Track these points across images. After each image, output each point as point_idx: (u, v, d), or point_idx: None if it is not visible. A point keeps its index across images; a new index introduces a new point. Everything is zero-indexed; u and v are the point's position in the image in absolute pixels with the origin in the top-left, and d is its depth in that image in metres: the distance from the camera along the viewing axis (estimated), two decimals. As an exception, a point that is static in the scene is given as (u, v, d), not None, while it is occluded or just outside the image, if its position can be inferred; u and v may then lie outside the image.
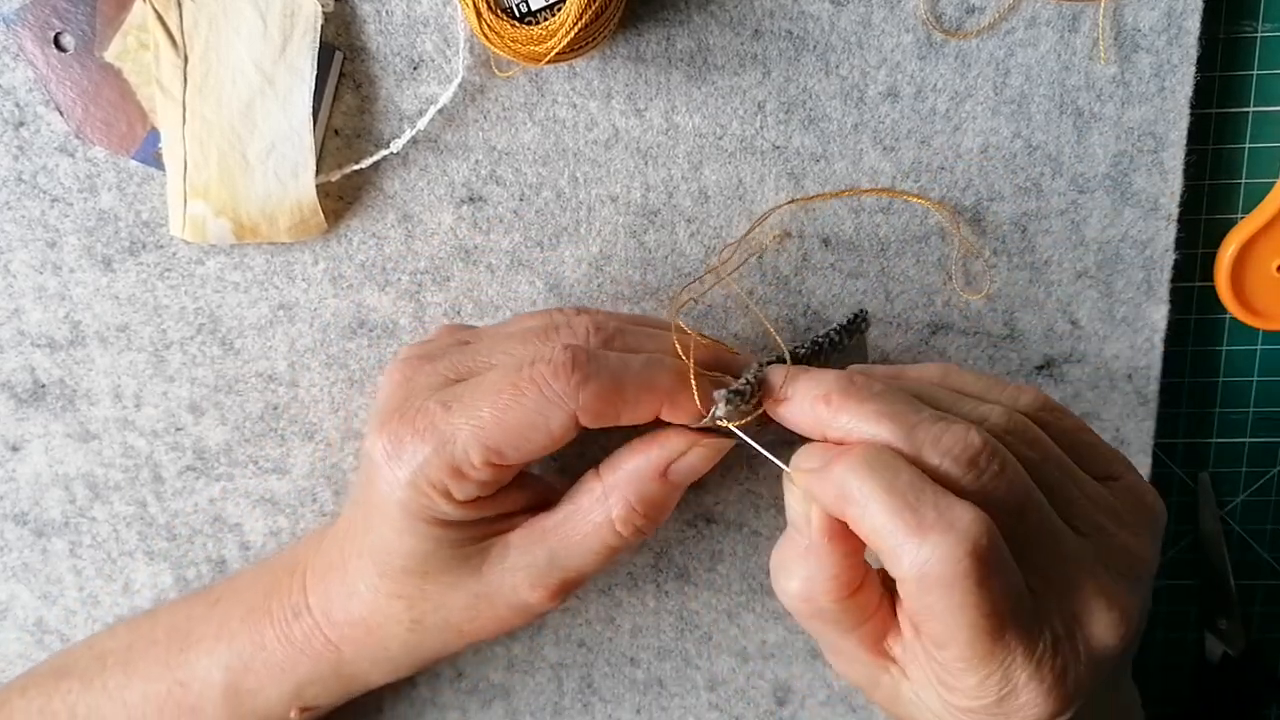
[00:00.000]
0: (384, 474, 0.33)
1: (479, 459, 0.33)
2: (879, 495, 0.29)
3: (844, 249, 0.43)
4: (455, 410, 0.33)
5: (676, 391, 0.33)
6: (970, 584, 0.28)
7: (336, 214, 0.42)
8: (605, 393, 0.32)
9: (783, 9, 0.40)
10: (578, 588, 0.37)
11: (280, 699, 0.39)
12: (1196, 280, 0.45)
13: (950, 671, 0.30)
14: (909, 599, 0.30)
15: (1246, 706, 0.50)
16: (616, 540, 0.35)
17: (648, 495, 0.35)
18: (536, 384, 0.32)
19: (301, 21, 0.39)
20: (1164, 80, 0.40)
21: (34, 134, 0.41)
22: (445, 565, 0.35)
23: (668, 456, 0.35)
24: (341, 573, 0.38)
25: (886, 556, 0.29)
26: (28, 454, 0.45)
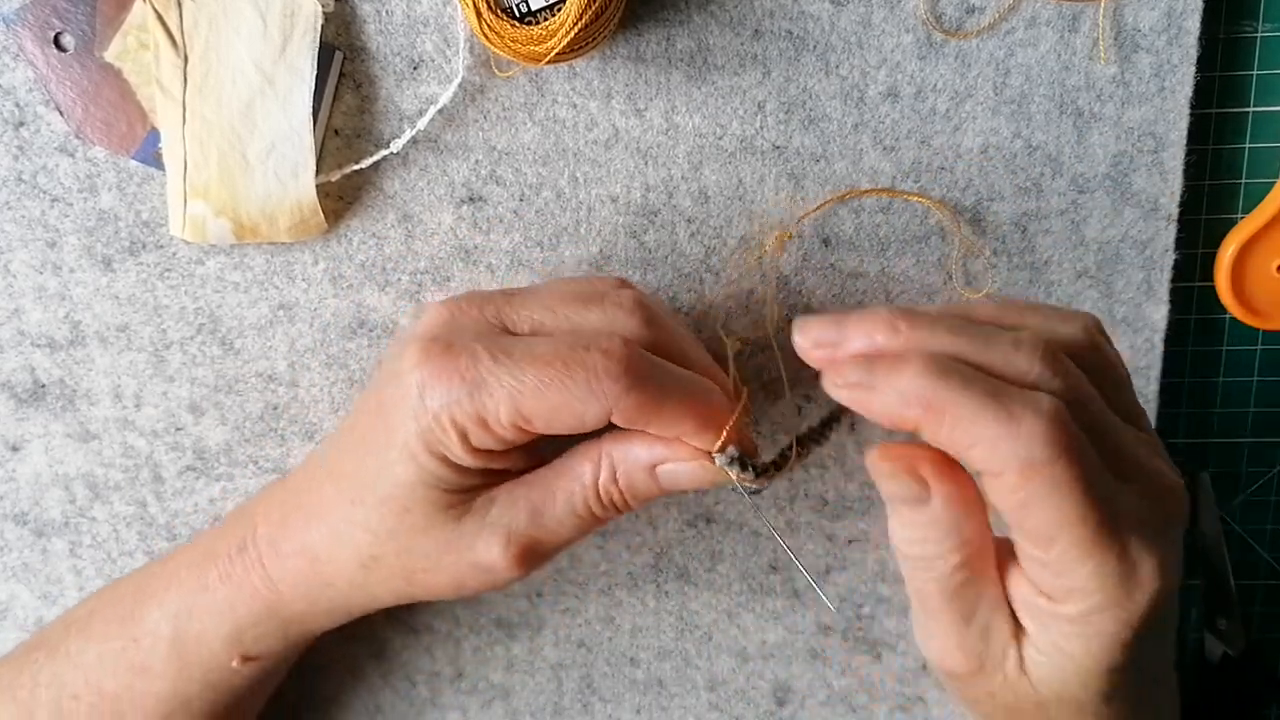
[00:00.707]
0: (412, 400, 0.33)
1: (507, 419, 0.33)
2: (960, 392, 0.29)
3: (844, 249, 0.43)
4: (502, 364, 0.33)
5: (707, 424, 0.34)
6: (1068, 459, 0.28)
7: (336, 214, 0.42)
8: (647, 405, 0.33)
9: (783, 9, 0.40)
10: (543, 558, 0.36)
11: (222, 645, 0.38)
12: (1196, 280, 0.45)
13: (1062, 570, 0.30)
14: (1012, 494, 0.29)
15: (1246, 706, 0.50)
16: (595, 505, 0.35)
17: (633, 479, 0.35)
18: (586, 373, 0.32)
19: (301, 21, 0.39)
20: (1164, 80, 0.40)
21: (34, 134, 0.41)
22: (427, 505, 0.35)
23: (666, 456, 0.35)
24: (306, 498, 0.37)
25: (981, 452, 0.29)
26: (28, 454, 0.45)
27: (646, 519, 0.46)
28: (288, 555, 0.37)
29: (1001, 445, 0.28)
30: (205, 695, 0.39)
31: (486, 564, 0.35)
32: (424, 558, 0.36)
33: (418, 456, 0.34)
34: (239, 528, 0.39)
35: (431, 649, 0.48)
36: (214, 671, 0.39)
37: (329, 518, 0.36)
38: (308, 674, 0.48)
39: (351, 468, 0.36)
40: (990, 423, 0.28)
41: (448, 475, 0.35)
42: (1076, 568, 0.30)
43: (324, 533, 0.37)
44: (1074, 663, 0.31)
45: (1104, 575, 0.30)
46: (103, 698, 0.39)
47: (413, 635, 0.48)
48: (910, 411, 0.30)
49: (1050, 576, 0.31)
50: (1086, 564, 0.30)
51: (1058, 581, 0.30)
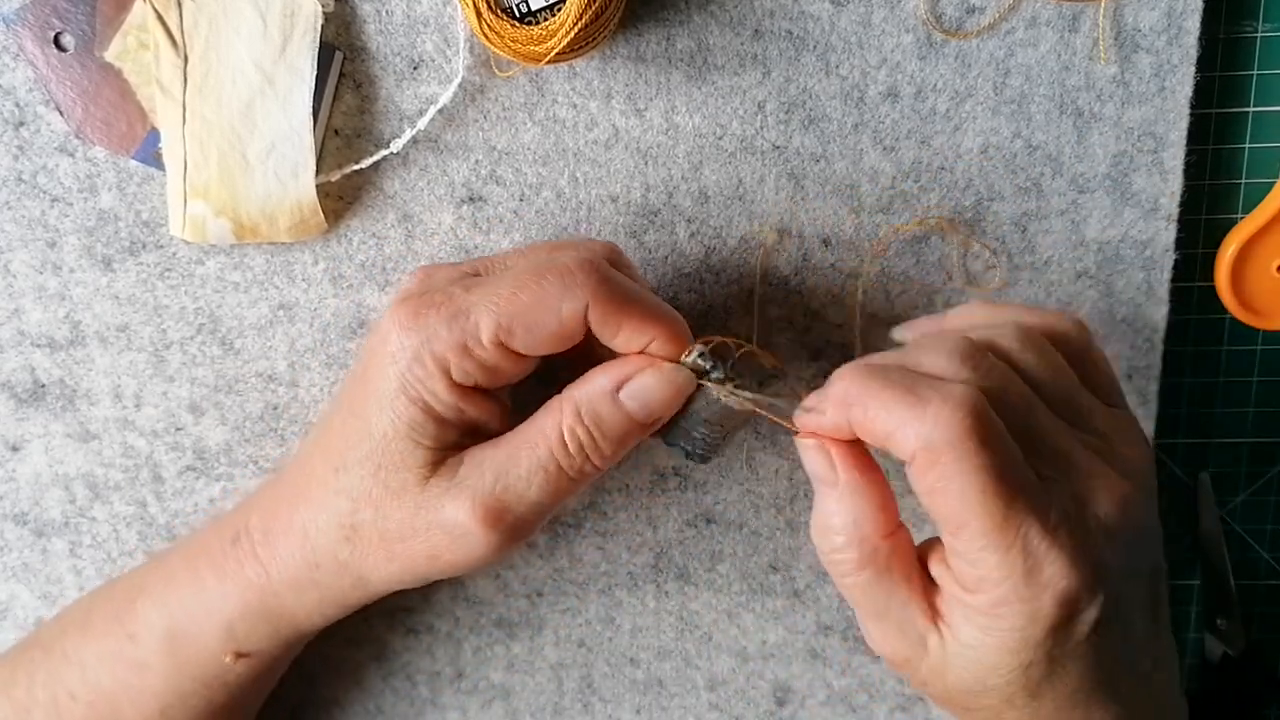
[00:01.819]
0: (391, 345, 0.34)
1: (489, 334, 0.33)
2: (876, 388, 0.31)
3: (844, 249, 0.43)
4: (474, 290, 0.34)
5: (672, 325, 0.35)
6: (974, 444, 0.30)
7: (336, 214, 0.42)
8: (619, 296, 0.34)
9: (783, 9, 0.40)
10: (518, 525, 0.35)
11: (215, 640, 0.38)
12: (1196, 280, 0.45)
13: (971, 559, 0.31)
14: (921, 478, 0.31)
15: (1246, 706, 0.50)
16: (561, 455, 0.35)
17: (597, 412, 0.35)
18: (558, 271, 0.34)
19: (301, 21, 0.39)
20: (1164, 80, 0.40)
21: (34, 134, 0.41)
22: (400, 461, 0.35)
23: (623, 373, 0.35)
24: (296, 480, 0.37)
25: (894, 439, 0.31)
26: (28, 454, 0.45)
27: (646, 519, 0.46)
28: (279, 536, 0.37)
29: (908, 428, 0.31)
30: (201, 692, 0.39)
31: (457, 526, 0.35)
32: (398, 524, 0.35)
33: (395, 405, 0.34)
34: (233, 522, 0.39)
35: (431, 649, 0.48)
36: (209, 668, 0.39)
37: (315, 491, 0.36)
38: (308, 674, 0.48)
39: (336, 437, 0.36)
40: (900, 408, 0.31)
41: (425, 424, 0.34)
42: (984, 556, 0.31)
43: (312, 507, 0.36)
44: (989, 656, 0.32)
45: (1008, 567, 0.30)
46: (99, 695, 0.39)
47: (413, 635, 0.48)
48: (842, 414, 0.32)
49: (963, 565, 0.32)
50: (992, 554, 0.30)
51: (970, 570, 0.31)
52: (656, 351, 0.35)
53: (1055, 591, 0.31)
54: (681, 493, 0.46)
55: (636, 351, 0.35)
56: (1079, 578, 0.31)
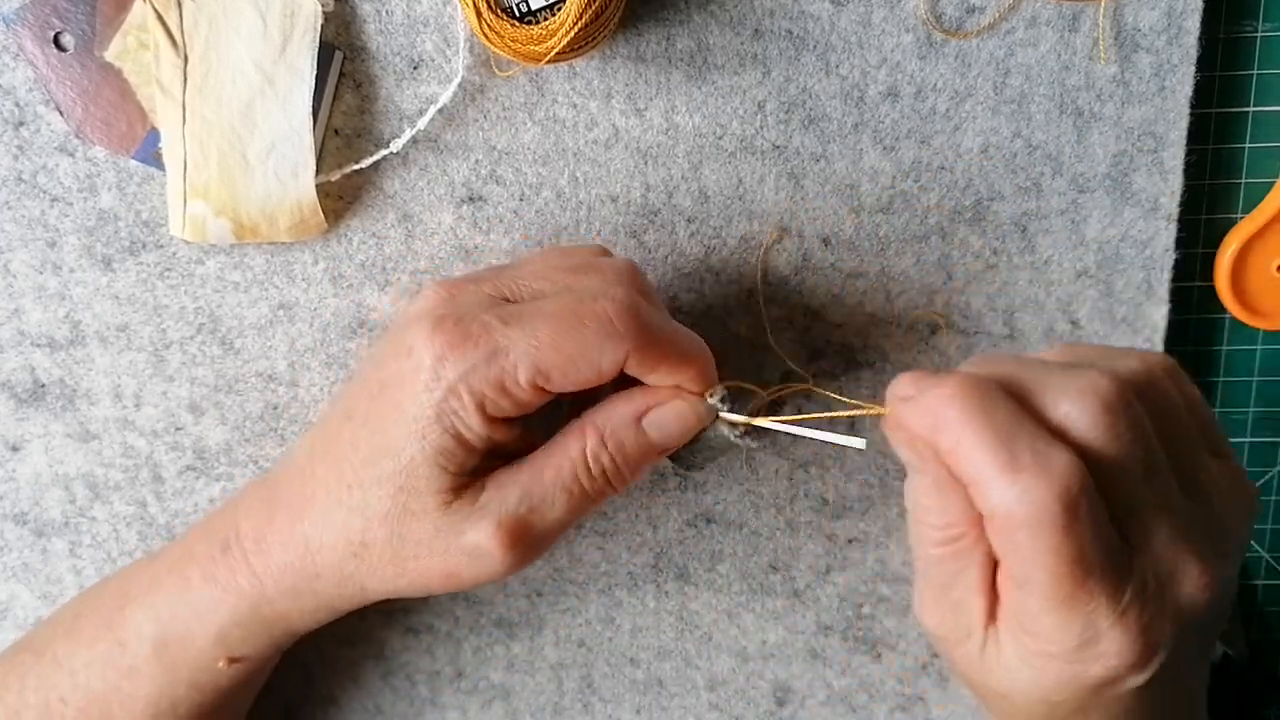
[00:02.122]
0: (425, 374, 0.34)
1: (526, 378, 0.33)
2: (974, 425, 0.29)
3: (844, 249, 0.43)
4: (514, 326, 0.34)
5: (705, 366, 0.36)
6: (1056, 530, 0.28)
7: (336, 214, 0.42)
8: (659, 347, 0.34)
9: (783, 9, 0.40)
10: (536, 544, 0.36)
11: (207, 646, 0.38)
12: (1196, 280, 0.45)
13: (1029, 612, 0.30)
14: (993, 534, 0.30)
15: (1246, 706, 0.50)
16: (584, 477, 0.35)
17: (620, 438, 0.36)
18: (599, 318, 0.33)
19: (301, 21, 0.39)
20: (1164, 80, 0.40)
21: (34, 134, 0.41)
22: (425, 485, 0.35)
23: (648, 404, 0.36)
24: (295, 490, 0.37)
25: (975, 489, 0.30)
26: (28, 454, 0.45)
27: (646, 519, 0.46)
28: (275, 548, 0.37)
29: (993, 490, 0.29)
30: (192, 696, 0.39)
31: (477, 548, 0.35)
32: (415, 544, 0.35)
33: (427, 432, 0.34)
34: (221, 528, 0.39)
35: (431, 649, 0.48)
36: (200, 672, 0.39)
37: (320, 504, 0.36)
38: (306, 673, 0.48)
39: (348, 451, 0.36)
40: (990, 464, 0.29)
41: (455, 451, 0.34)
42: (1041, 618, 0.30)
43: (315, 520, 0.36)
44: (1022, 684, 0.32)
45: (1065, 633, 0.30)
46: (90, 700, 0.39)
47: (413, 635, 0.48)
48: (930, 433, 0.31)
49: (1019, 608, 0.31)
50: (1051, 618, 0.30)
51: (1030, 622, 0.31)
52: (686, 386, 0.36)
53: (1107, 665, 0.30)
54: (681, 493, 0.46)
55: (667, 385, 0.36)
56: (1136, 656, 0.30)
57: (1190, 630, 0.31)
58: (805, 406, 0.44)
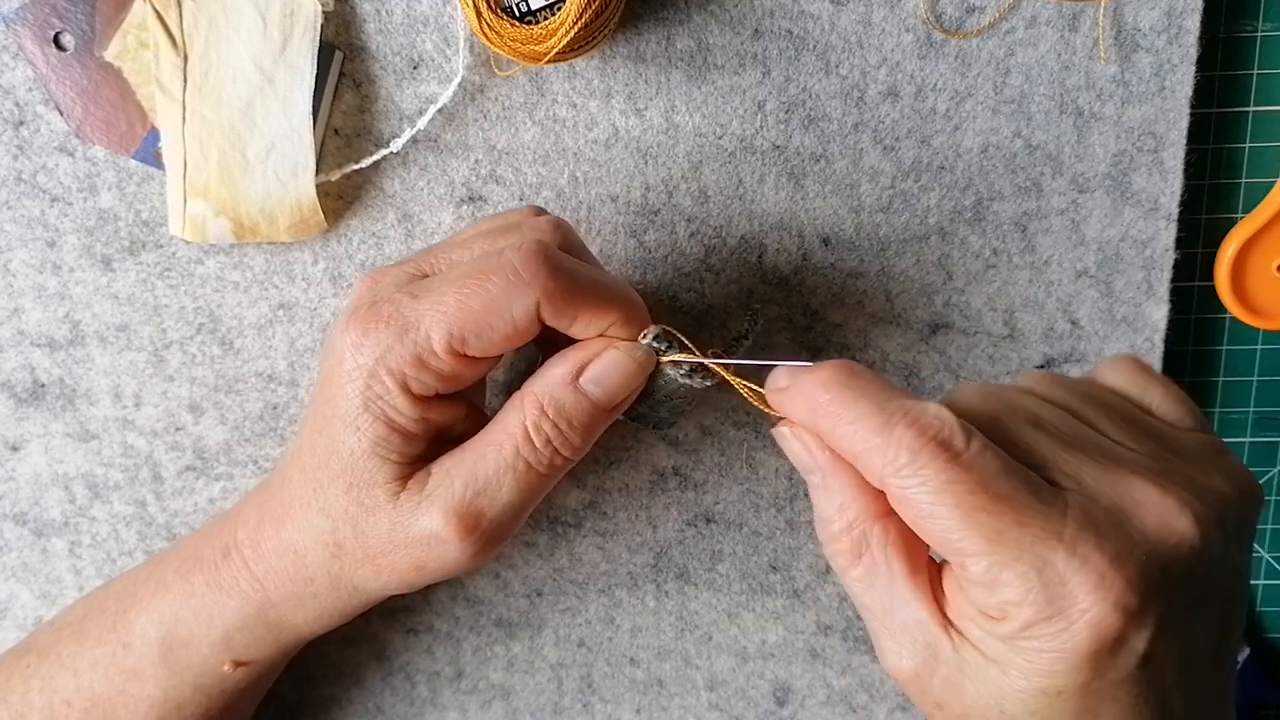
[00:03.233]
0: (347, 364, 0.33)
1: (441, 345, 0.32)
2: (847, 400, 0.30)
3: (844, 249, 0.43)
4: (421, 298, 0.33)
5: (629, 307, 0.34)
6: (946, 464, 0.28)
7: (336, 213, 0.42)
8: (571, 286, 0.33)
9: (783, 8, 0.40)
10: (494, 528, 0.35)
11: (212, 650, 0.38)
12: (1196, 280, 0.45)
13: (987, 585, 0.28)
14: (899, 508, 0.29)
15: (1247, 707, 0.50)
16: (527, 451, 0.34)
17: (559, 401, 0.34)
18: (504, 270, 0.32)
19: (301, 21, 0.39)
20: (1164, 80, 0.40)
21: (34, 133, 0.41)
22: (370, 479, 0.34)
23: (581, 359, 0.34)
24: (279, 495, 0.37)
25: (862, 465, 0.29)
26: (27, 454, 0.45)
27: (646, 519, 0.46)
28: (270, 555, 0.37)
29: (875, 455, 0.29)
30: (198, 699, 0.39)
31: (434, 537, 0.34)
32: (378, 539, 0.35)
33: (360, 423, 0.34)
34: (222, 534, 0.39)
35: (431, 649, 0.48)
36: (206, 676, 0.39)
37: (298, 510, 0.36)
38: (308, 674, 0.48)
39: (309, 454, 0.36)
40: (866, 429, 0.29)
41: (390, 439, 0.34)
42: (997, 577, 0.28)
43: (296, 525, 0.36)
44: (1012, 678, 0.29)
45: (1024, 585, 0.27)
46: (95, 702, 0.39)
47: (413, 635, 0.48)
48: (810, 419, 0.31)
49: (981, 594, 0.28)
50: (1003, 572, 0.27)
51: (990, 599, 0.28)
52: (615, 334, 0.34)
53: (1087, 619, 0.27)
54: (681, 493, 0.46)
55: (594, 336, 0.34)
56: (1113, 597, 0.27)
57: (1182, 583, 0.28)
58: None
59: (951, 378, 0.44)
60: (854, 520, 0.31)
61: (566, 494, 0.46)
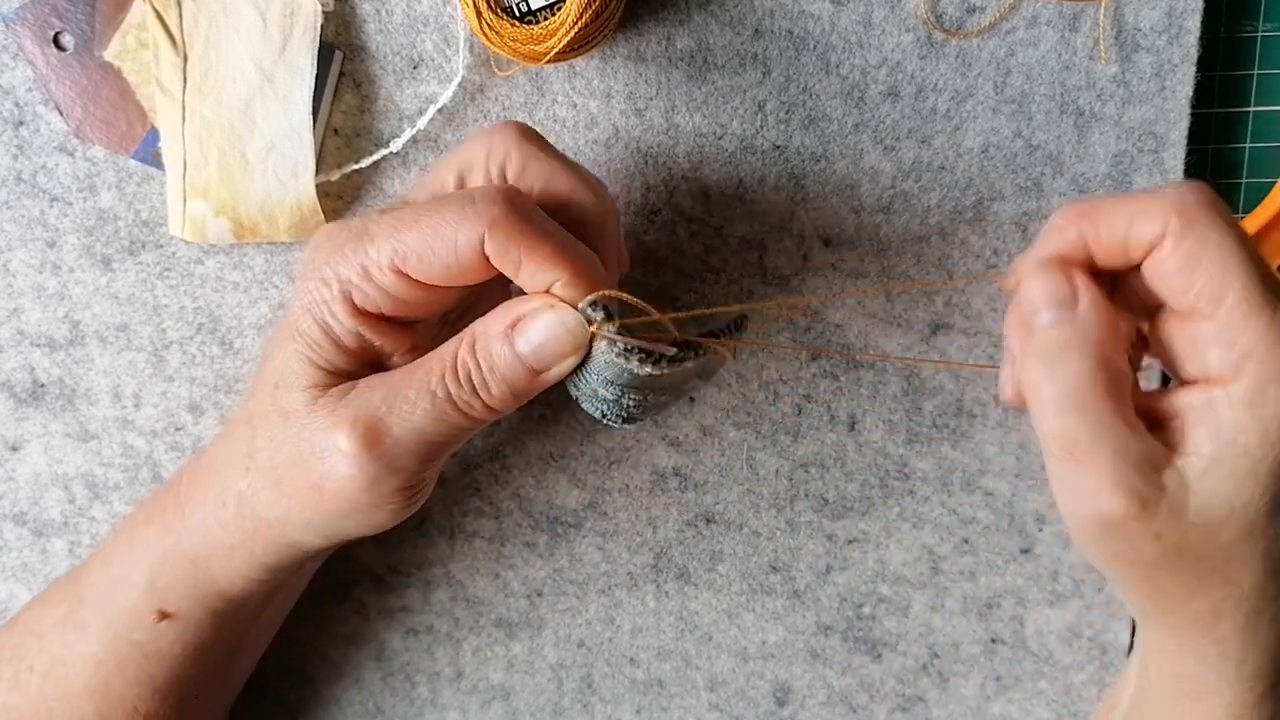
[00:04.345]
0: (306, 267, 0.34)
1: (385, 259, 0.32)
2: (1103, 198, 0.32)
3: (844, 249, 0.43)
4: (389, 213, 0.33)
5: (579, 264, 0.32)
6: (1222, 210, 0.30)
7: (336, 213, 0.42)
8: (520, 226, 0.32)
9: (783, 8, 0.40)
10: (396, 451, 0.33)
11: (140, 594, 0.37)
12: (1197, 280, 0.45)
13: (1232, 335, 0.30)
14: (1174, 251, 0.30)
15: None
16: (451, 384, 0.33)
17: (489, 347, 0.33)
18: (459, 199, 0.32)
19: (301, 21, 0.39)
20: (1164, 80, 0.40)
21: (33, 133, 0.41)
22: (296, 381, 0.34)
23: (519, 313, 0.33)
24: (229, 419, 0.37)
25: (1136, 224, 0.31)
26: (27, 454, 0.45)
27: (646, 519, 0.46)
28: (197, 477, 0.37)
29: (1154, 205, 0.30)
30: (136, 659, 0.38)
31: (331, 446, 0.33)
32: (287, 449, 0.34)
33: (299, 322, 0.34)
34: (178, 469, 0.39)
35: (431, 649, 0.48)
36: (138, 630, 0.38)
37: (230, 424, 0.36)
38: (308, 675, 0.48)
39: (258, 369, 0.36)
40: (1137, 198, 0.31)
41: (322, 344, 0.34)
42: (1247, 325, 0.30)
43: (224, 438, 0.36)
44: (1248, 458, 0.30)
45: (1274, 332, 0.29)
46: (52, 665, 0.39)
47: (413, 635, 0.48)
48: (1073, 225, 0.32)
49: (1220, 352, 0.30)
50: (1256, 319, 0.29)
51: (1228, 355, 0.30)
52: (560, 293, 0.33)
53: None
54: (681, 493, 0.46)
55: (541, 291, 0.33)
56: None
57: None
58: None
59: (952, 378, 0.44)
60: (1111, 355, 0.31)
61: (567, 494, 0.46)
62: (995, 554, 0.46)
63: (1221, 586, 0.32)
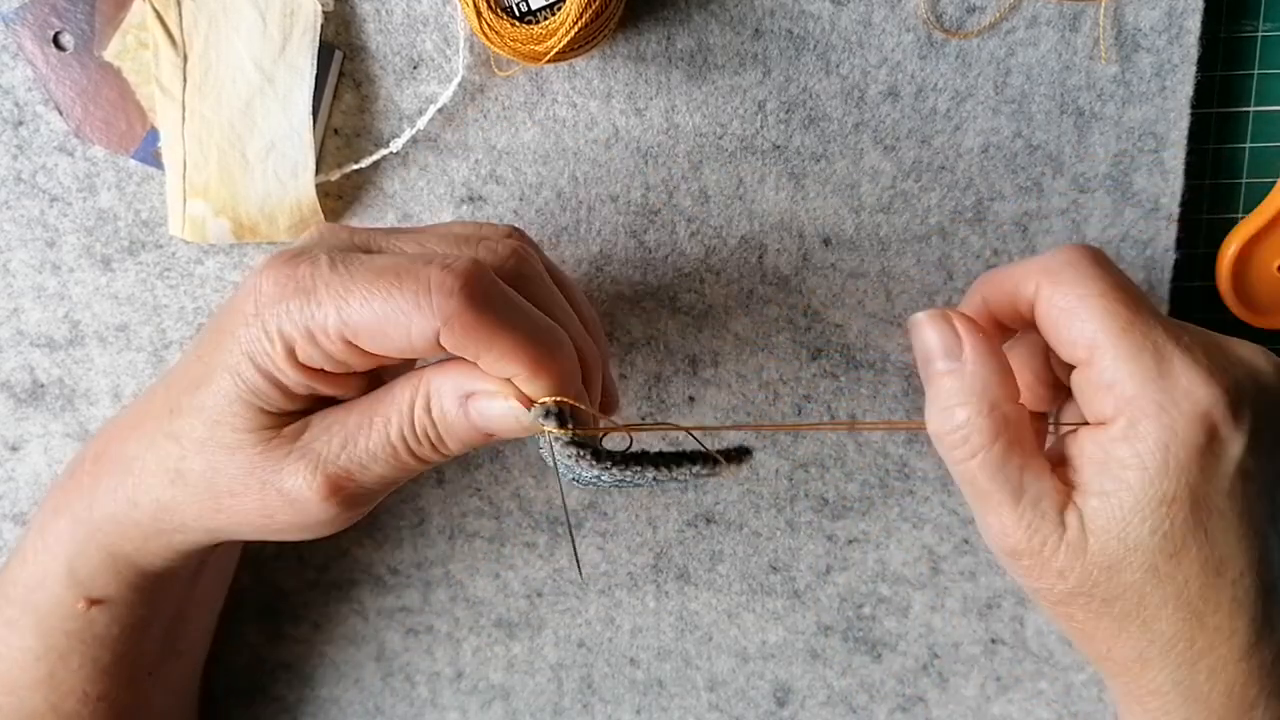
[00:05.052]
0: (248, 305, 0.31)
1: (335, 330, 0.31)
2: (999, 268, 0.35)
3: (844, 249, 0.43)
4: (339, 273, 0.31)
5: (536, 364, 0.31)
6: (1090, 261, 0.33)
7: (336, 213, 0.42)
8: (479, 330, 0.30)
9: (783, 8, 0.40)
10: (358, 498, 0.34)
11: (62, 587, 0.37)
12: (1197, 280, 0.45)
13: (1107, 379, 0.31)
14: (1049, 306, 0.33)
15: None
16: (409, 435, 0.33)
17: (445, 409, 0.33)
18: (417, 285, 0.30)
19: (301, 20, 0.39)
20: (1164, 80, 0.40)
21: (33, 133, 0.41)
22: (241, 421, 0.33)
23: (477, 388, 0.32)
24: (136, 406, 0.36)
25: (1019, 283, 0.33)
26: (27, 454, 0.45)
27: (646, 519, 0.46)
28: (105, 472, 0.36)
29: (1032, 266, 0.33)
30: (77, 648, 0.38)
31: (295, 494, 0.33)
32: (230, 479, 0.33)
33: (240, 368, 0.32)
34: (80, 454, 0.37)
35: (431, 649, 0.48)
36: (70, 620, 0.37)
37: (147, 428, 0.35)
38: (308, 675, 0.48)
39: (179, 375, 0.34)
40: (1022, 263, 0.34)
41: (268, 392, 0.32)
42: (1118, 367, 0.31)
43: (140, 442, 0.35)
44: (1131, 493, 0.31)
45: (1141, 370, 0.31)
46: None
47: (413, 635, 0.48)
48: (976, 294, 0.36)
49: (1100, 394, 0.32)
50: (1125, 363, 0.31)
51: (1105, 397, 0.32)
52: (520, 385, 0.32)
53: (1193, 399, 0.30)
54: (681, 493, 0.46)
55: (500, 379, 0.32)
56: (1217, 393, 0.30)
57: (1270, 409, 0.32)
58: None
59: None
60: (998, 402, 0.33)
61: (566, 494, 0.46)
62: (995, 554, 0.46)
63: (1140, 632, 0.33)
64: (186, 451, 0.34)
